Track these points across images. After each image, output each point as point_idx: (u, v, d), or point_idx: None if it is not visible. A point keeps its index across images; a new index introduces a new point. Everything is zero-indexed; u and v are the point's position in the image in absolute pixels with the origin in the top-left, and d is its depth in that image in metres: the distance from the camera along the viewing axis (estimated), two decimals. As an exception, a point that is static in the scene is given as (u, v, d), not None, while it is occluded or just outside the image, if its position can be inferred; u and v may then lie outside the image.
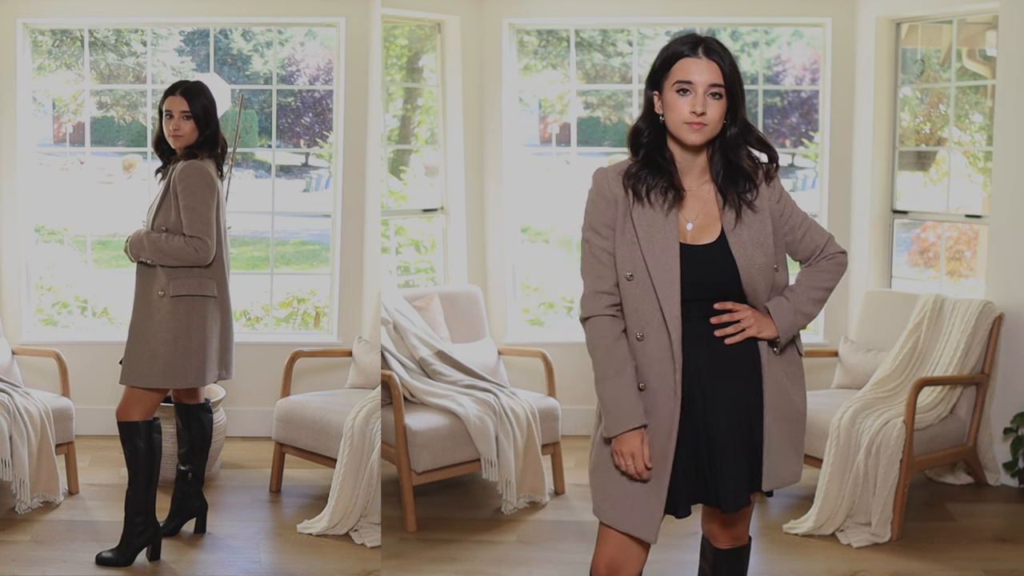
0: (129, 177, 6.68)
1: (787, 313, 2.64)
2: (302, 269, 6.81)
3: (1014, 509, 4.66)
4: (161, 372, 3.89)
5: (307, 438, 4.68)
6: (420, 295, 5.14)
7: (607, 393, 2.57)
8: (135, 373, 3.91)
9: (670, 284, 2.54)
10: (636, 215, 2.57)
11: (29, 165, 5.65)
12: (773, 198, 2.64)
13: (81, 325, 5.91)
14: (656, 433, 2.57)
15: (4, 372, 4.81)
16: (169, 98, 3.94)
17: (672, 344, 2.54)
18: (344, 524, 4.32)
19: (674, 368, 2.55)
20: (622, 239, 2.58)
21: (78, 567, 3.98)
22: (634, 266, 2.56)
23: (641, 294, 2.56)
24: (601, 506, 2.64)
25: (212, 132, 3.97)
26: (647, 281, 2.55)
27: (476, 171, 5.76)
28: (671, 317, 2.54)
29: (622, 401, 2.55)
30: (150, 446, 3.97)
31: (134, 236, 3.93)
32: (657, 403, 2.57)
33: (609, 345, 2.58)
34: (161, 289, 3.87)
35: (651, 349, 2.56)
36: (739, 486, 2.62)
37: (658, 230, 2.56)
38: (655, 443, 2.57)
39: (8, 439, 4.39)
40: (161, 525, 4.17)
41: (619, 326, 2.59)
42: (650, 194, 2.57)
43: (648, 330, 2.56)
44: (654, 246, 2.55)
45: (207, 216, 3.85)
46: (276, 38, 5.83)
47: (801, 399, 2.73)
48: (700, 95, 2.50)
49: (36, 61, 5.77)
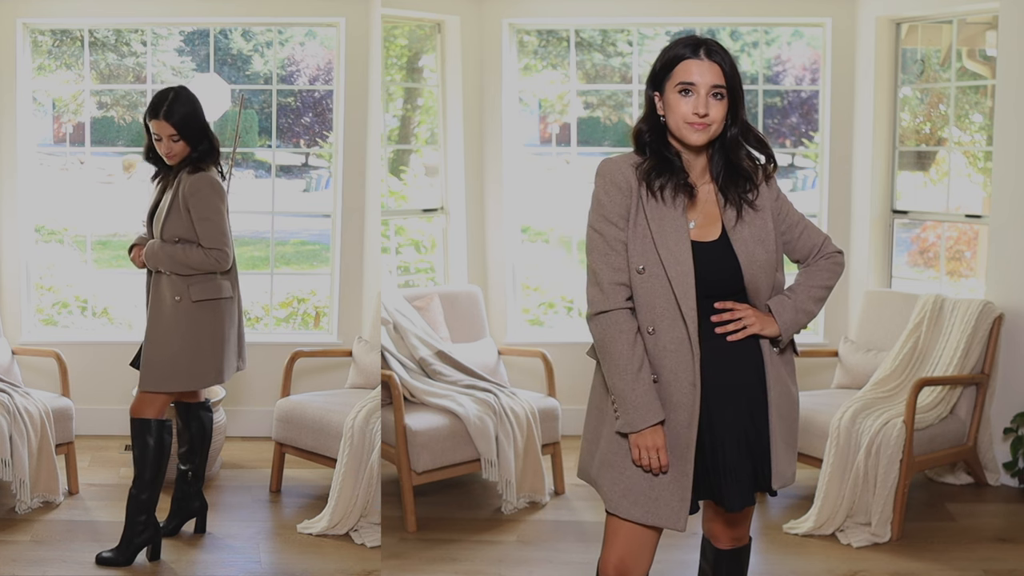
0: (129, 177, 6.67)
1: (788, 310, 2.65)
2: (302, 269, 6.81)
3: (1014, 509, 4.66)
4: (185, 375, 3.93)
5: (307, 438, 4.68)
6: (420, 295, 5.14)
7: (628, 389, 2.55)
8: (157, 378, 3.93)
9: (685, 277, 2.54)
10: (649, 209, 2.57)
11: (29, 165, 5.65)
12: (771, 197, 2.66)
13: (81, 325, 5.91)
14: (675, 425, 2.57)
15: (4, 372, 4.81)
16: (153, 122, 3.83)
17: (690, 336, 2.55)
18: (344, 524, 4.32)
19: (692, 359, 2.55)
20: (634, 232, 2.57)
21: (78, 567, 3.98)
22: (646, 259, 2.56)
23: (653, 288, 2.55)
24: (621, 502, 2.61)
25: (208, 142, 3.91)
26: (661, 275, 2.55)
27: (476, 171, 5.76)
28: (687, 309, 2.54)
29: (642, 396, 2.54)
30: (160, 445, 3.98)
31: (149, 248, 3.91)
32: (672, 395, 2.57)
33: (630, 340, 2.56)
34: (178, 295, 3.89)
35: (665, 342, 2.56)
36: (743, 485, 2.62)
37: (670, 224, 2.56)
38: (675, 435, 2.58)
39: (8, 439, 4.39)
40: (161, 525, 4.17)
41: (634, 322, 2.58)
42: (664, 190, 2.57)
43: (660, 324, 2.56)
44: (667, 240, 2.55)
45: (223, 226, 3.88)
46: (276, 38, 5.83)
47: (797, 396, 2.75)
48: (702, 96, 2.51)
49: (36, 61, 5.77)
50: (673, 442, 2.58)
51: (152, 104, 3.86)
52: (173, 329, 3.90)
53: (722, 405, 2.61)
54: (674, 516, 2.59)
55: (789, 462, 2.71)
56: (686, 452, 2.57)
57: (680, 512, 2.59)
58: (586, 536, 4.33)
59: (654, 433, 2.55)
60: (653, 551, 2.66)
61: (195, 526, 4.30)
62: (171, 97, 3.85)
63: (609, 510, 2.64)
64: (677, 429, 2.58)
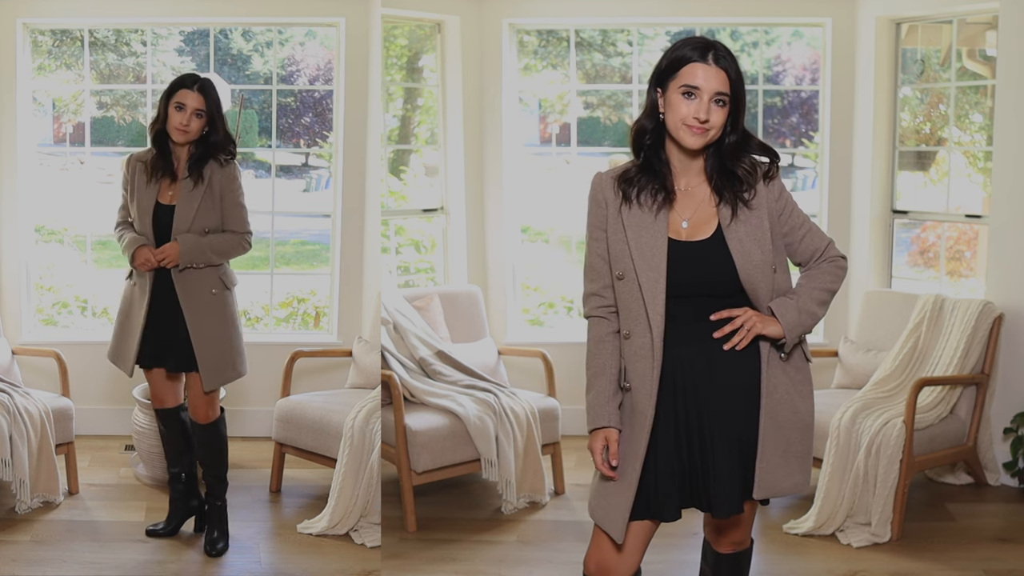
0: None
1: (791, 311, 2.60)
2: (302, 269, 6.81)
3: (1014, 509, 4.66)
4: (234, 366, 4.06)
5: (307, 438, 4.68)
6: (420, 295, 5.14)
7: (587, 391, 2.66)
8: (220, 375, 4.03)
9: (655, 283, 2.55)
10: (625, 216, 2.60)
11: (29, 165, 5.64)
12: (772, 197, 2.63)
13: (81, 325, 5.91)
14: (637, 432, 2.59)
15: (4, 372, 4.81)
16: (183, 91, 3.88)
17: (653, 341, 2.55)
18: (344, 524, 4.32)
19: (653, 367, 2.56)
20: (613, 239, 2.61)
21: (78, 567, 3.99)
22: (623, 265, 2.59)
23: (630, 293, 2.59)
24: (590, 503, 2.71)
25: (227, 135, 3.99)
26: (634, 280, 2.57)
27: (476, 171, 5.76)
28: (654, 315, 2.55)
29: (594, 401, 2.64)
30: (184, 424, 4.17)
31: (185, 243, 3.90)
32: (638, 403, 2.59)
33: (593, 346, 2.67)
34: (214, 287, 3.97)
35: (636, 347, 2.59)
36: (731, 492, 2.60)
37: (646, 230, 2.58)
38: (634, 442, 2.59)
39: (8, 439, 4.39)
40: (161, 526, 4.18)
41: (608, 327, 2.65)
42: (640, 195, 2.60)
43: (634, 328, 2.59)
44: (641, 245, 2.57)
45: (246, 211, 4.06)
46: (276, 38, 5.83)
47: (807, 408, 2.66)
48: (705, 101, 2.51)
49: (36, 61, 5.77)
50: (631, 450, 2.60)
51: (184, 77, 3.94)
52: (220, 322, 3.99)
53: (714, 409, 2.60)
54: (614, 525, 2.62)
55: (789, 472, 2.63)
56: (634, 462, 2.59)
57: (619, 522, 2.61)
58: (586, 536, 4.30)
59: (596, 437, 2.63)
60: (640, 551, 2.67)
61: (194, 525, 4.30)
62: (205, 77, 3.98)
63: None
64: (637, 437, 2.59)
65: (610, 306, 2.65)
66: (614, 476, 2.61)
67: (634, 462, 2.59)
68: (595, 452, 2.62)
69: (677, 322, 2.57)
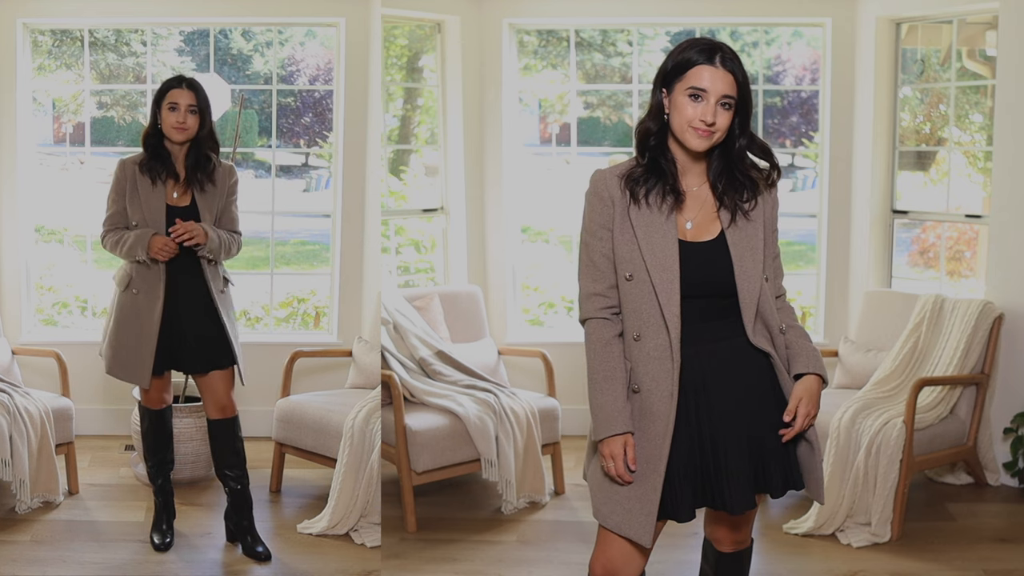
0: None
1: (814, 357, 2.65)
2: (302, 269, 6.81)
3: (1014, 509, 4.66)
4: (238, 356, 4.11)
5: (307, 438, 4.68)
6: (420, 295, 5.14)
7: (595, 397, 2.59)
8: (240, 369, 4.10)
9: (670, 283, 2.54)
10: (634, 216, 2.57)
11: (29, 165, 5.64)
12: (770, 205, 2.64)
13: (81, 325, 5.91)
14: (652, 436, 2.56)
15: (4, 372, 4.81)
16: (175, 91, 3.92)
17: (672, 343, 2.54)
18: (344, 524, 4.32)
19: (672, 368, 2.55)
20: (621, 239, 2.58)
21: (78, 567, 3.99)
22: (633, 266, 2.56)
23: (640, 294, 2.56)
24: (601, 510, 2.63)
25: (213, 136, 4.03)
26: (647, 280, 2.55)
27: (476, 171, 5.76)
28: (671, 316, 2.53)
29: (609, 406, 2.56)
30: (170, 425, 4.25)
31: (217, 237, 3.94)
32: (652, 405, 2.56)
33: (600, 349, 2.59)
34: (222, 285, 4.04)
35: (649, 348, 2.56)
36: (745, 488, 2.61)
37: (657, 230, 2.56)
38: (649, 446, 2.56)
39: (8, 439, 4.39)
40: (169, 541, 4.18)
41: (612, 329, 2.60)
42: (648, 196, 2.57)
43: (646, 330, 2.56)
44: (653, 246, 2.55)
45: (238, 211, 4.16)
46: (276, 38, 5.83)
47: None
48: (712, 104, 2.50)
49: (36, 61, 5.77)
50: (648, 453, 2.56)
51: (172, 79, 3.97)
52: (231, 319, 4.04)
53: (724, 407, 2.59)
54: (641, 530, 2.57)
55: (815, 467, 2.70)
56: (658, 465, 2.55)
57: (646, 526, 2.57)
58: (586, 536, 4.33)
59: (615, 443, 2.56)
60: (646, 554, 2.65)
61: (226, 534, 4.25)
62: (191, 78, 4.02)
63: (593, 515, 2.66)
64: (653, 440, 2.56)
65: (614, 307, 2.61)
66: (631, 481, 2.57)
67: (657, 465, 2.55)
68: (616, 458, 2.55)
69: (685, 322, 2.56)
